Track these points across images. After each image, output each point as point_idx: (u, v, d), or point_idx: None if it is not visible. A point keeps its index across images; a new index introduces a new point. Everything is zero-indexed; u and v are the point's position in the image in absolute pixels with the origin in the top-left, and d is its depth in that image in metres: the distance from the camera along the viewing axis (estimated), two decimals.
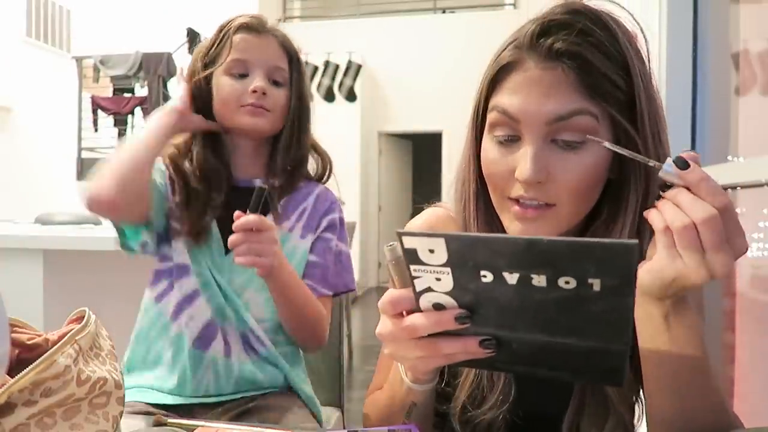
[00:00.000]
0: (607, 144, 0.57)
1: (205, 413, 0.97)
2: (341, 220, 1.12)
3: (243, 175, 1.07)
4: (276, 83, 1.05)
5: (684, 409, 0.57)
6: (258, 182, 1.03)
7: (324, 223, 1.08)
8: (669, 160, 0.52)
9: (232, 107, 1.02)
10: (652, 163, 0.54)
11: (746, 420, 0.60)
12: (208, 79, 1.04)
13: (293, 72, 1.07)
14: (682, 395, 0.57)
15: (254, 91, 1.01)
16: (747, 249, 0.50)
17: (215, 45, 1.05)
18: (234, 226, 0.87)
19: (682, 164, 0.51)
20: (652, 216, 0.53)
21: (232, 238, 0.87)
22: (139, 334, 1.05)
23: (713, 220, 0.49)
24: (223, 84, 1.03)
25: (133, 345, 1.06)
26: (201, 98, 1.05)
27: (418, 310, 0.52)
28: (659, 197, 0.53)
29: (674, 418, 0.58)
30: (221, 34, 1.05)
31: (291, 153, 1.07)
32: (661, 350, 0.57)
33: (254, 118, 1.02)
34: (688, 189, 0.51)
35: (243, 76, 1.02)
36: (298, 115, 1.08)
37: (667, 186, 0.53)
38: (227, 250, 1.01)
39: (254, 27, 1.04)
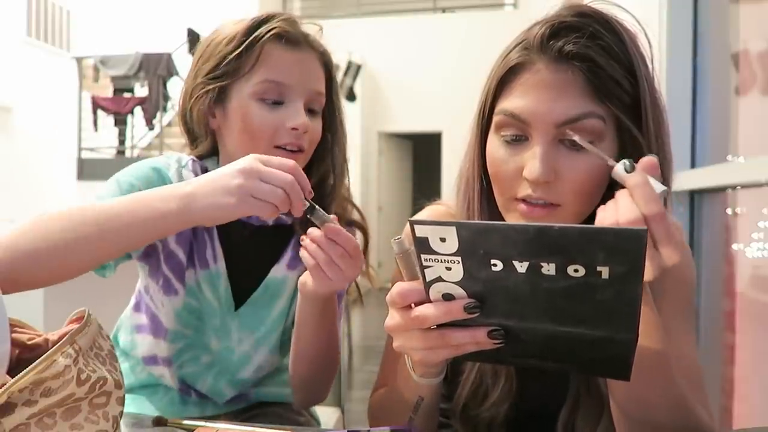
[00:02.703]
0: (578, 139, 0.60)
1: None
2: None
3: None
4: (312, 112, 0.86)
5: (639, 400, 0.58)
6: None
7: None
8: (620, 163, 0.55)
9: (263, 145, 0.82)
10: (611, 162, 0.56)
11: (746, 420, 0.60)
12: (223, 91, 0.84)
13: (330, 95, 0.89)
14: (638, 386, 0.56)
15: (294, 129, 0.82)
16: (674, 262, 0.50)
17: (238, 51, 0.82)
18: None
19: (629, 167, 0.54)
20: (598, 211, 0.55)
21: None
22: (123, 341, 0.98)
23: (635, 224, 0.50)
24: (252, 113, 0.82)
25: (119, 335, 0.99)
26: (199, 112, 0.85)
27: (427, 302, 0.53)
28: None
29: (631, 409, 0.59)
30: (248, 40, 0.82)
31: (323, 197, 0.88)
32: None
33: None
34: None
35: (277, 103, 0.83)
36: (334, 150, 0.90)
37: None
38: (237, 305, 0.89)
39: (293, 38, 0.83)
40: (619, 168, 0.54)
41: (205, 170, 0.90)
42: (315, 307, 0.79)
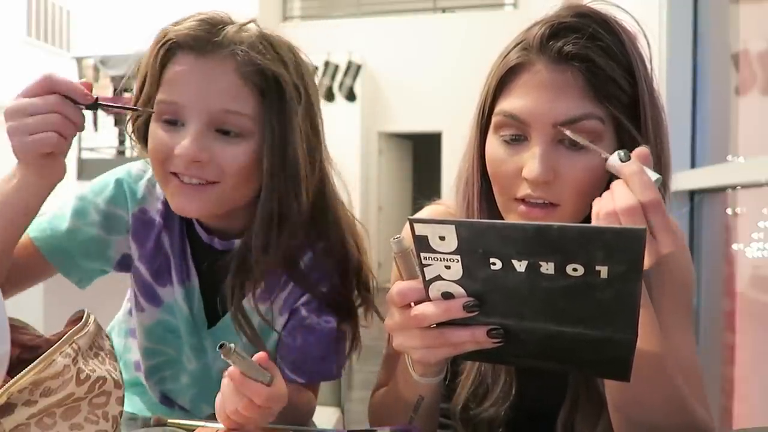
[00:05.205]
0: (570, 134, 0.60)
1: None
2: (325, 293, 0.81)
3: (220, 234, 0.82)
4: (226, 133, 0.70)
5: (637, 401, 0.58)
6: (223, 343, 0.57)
7: (305, 297, 0.81)
8: (615, 154, 0.55)
9: (160, 172, 0.72)
10: (604, 155, 0.57)
11: (746, 420, 0.60)
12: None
13: (268, 112, 0.71)
14: (636, 387, 0.56)
15: (191, 158, 0.68)
16: (670, 249, 0.51)
17: (146, 71, 0.72)
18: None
19: (624, 157, 0.54)
20: (594, 202, 0.55)
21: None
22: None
23: (632, 210, 0.50)
24: (150, 136, 0.72)
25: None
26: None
27: (427, 301, 0.53)
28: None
29: (629, 410, 0.59)
30: (151, 53, 0.72)
31: (275, 233, 0.74)
32: None
33: (181, 198, 0.70)
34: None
35: (175, 123, 0.70)
36: (278, 179, 0.72)
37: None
38: (211, 324, 0.84)
39: (198, 42, 0.69)
40: (614, 158, 0.55)
41: None
42: None
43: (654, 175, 0.53)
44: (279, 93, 0.71)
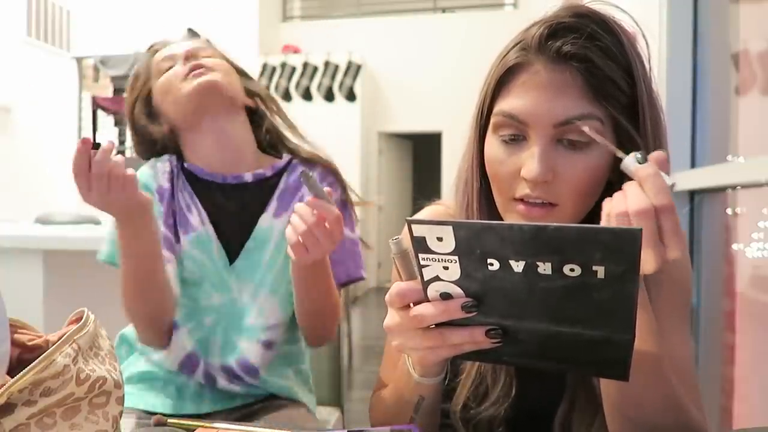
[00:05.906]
0: (587, 130, 0.59)
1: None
2: (342, 202, 1.03)
3: (229, 170, 1.02)
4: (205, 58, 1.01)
5: (634, 401, 0.58)
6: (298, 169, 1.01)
7: None
8: (631, 155, 0.54)
9: (175, 88, 0.97)
10: (620, 154, 0.55)
11: (746, 420, 0.60)
12: (149, 109, 1.04)
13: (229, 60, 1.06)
14: (633, 387, 0.56)
15: (186, 58, 0.99)
16: (676, 256, 0.50)
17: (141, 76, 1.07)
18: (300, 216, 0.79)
19: (641, 159, 0.53)
20: (604, 203, 0.54)
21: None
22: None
23: (645, 213, 0.49)
24: (158, 81, 1.01)
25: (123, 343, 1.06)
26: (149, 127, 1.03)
27: (425, 301, 0.53)
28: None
29: (625, 410, 0.59)
30: (144, 68, 1.07)
31: (267, 126, 1.06)
32: None
33: (199, 78, 0.96)
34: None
35: (171, 67, 1.01)
36: (254, 88, 1.06)
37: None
38: (231, 260, 0.98)
39: (167, 42, 1.06)
40: (630, 160, 0.54)
41: (180, 164, 1.03)
42: (302, 271, 0.88)
43: (669, 180, 0.52)
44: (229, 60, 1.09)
